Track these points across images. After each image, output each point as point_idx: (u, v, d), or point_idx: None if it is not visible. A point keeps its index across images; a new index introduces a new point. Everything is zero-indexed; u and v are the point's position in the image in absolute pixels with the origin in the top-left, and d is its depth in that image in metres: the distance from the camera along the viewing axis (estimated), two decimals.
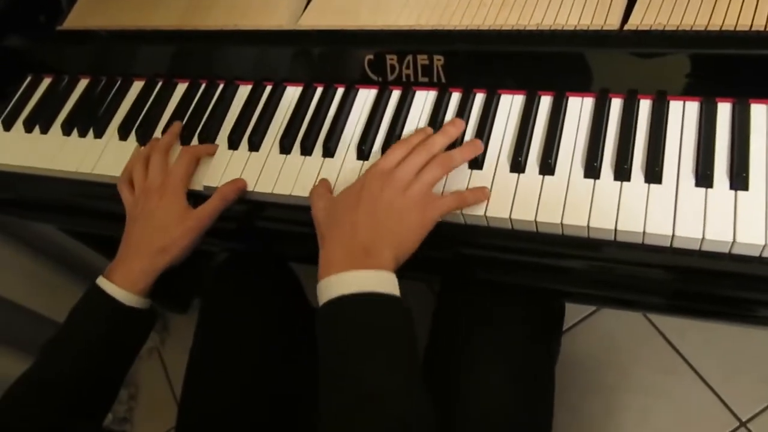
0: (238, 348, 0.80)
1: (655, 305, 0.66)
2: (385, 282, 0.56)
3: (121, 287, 0.67)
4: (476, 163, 0.65)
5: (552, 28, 0.69)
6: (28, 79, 0.91)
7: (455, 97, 0.71)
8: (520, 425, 0.68)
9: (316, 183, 0.68)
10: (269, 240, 0.78)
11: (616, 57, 0.67)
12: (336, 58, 0.77)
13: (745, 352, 1.16)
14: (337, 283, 0.55)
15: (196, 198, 0.73)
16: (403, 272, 0.60)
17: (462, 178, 0.65)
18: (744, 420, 1.13)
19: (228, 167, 0.74)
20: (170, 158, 0.74)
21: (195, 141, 0.77)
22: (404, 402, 0.52)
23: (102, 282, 0.67)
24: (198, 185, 0.74)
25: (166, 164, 0.72)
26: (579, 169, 0.62)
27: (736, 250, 0.56)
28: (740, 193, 0.57)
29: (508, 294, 0.72)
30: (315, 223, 0.63)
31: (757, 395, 1.14)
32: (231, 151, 0.75)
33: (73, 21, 0.92)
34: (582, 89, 0.67)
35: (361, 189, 0.61)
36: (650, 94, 0.65)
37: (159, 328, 1.46)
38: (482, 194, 0.63)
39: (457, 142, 0.67)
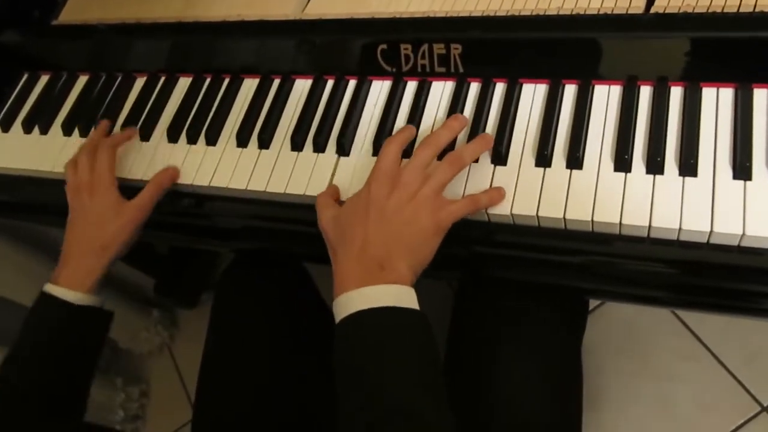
0: (246, 350, 0.79)
1: (688, 303, 0.63)
2: (402, 296, 0.54)
3: (68, 288, 0.67)
4: (499, 158, 0.62)
5: (574, 12, 0.66)
6: (25, 76, 0.87)
7: (474, 88, 0.68)
8: (553, 424, 0.66)
9: (325, 189, 0.66)
10: (281, 240, 0.75)
11: (642, 42, 0.63)
12: (346, 49, 0.73)
13: (766, 336, 1.14)
14: (354, 300, 0.53)
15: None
16: (424, 271, 0.58)
17: (485, 174, 0.62)
18: (766, 405, 1.11)
19: (237, 166, 0.71)
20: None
21: (201, 139, 0.74)
22: (429, 415, 0.50)
23: (49, 287, 0.67)
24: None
25: (93, 161, 0.71)
26: (609, 163, 0.59)
27: None
28: None
29: (533, 291, 0.69)
30: (323, 234, 0.61)
31: None
32: (240, 149, 0.72)
33: (69, 14, 0.88)
34: (608, 77, 0.64)
35: (368, 196, 0.57)
36: (681, 80, 0.61)
37: (168, 324, 1.45)
38: (498, 195, 0.60)
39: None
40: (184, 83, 0.79)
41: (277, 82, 0.75)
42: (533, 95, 0.65)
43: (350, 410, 0.51)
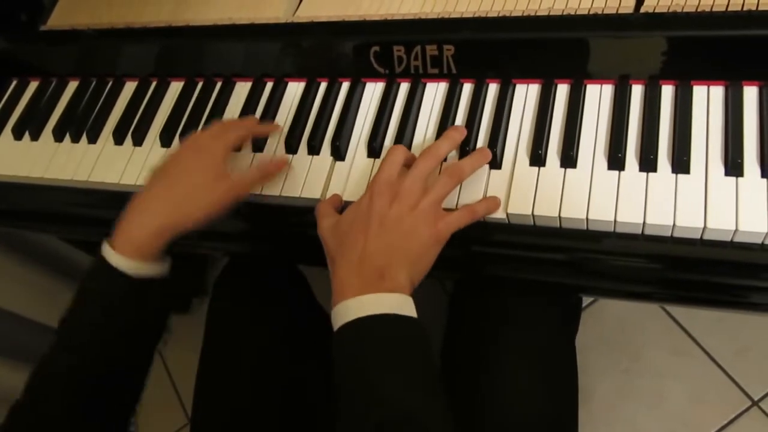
0: (242, 355, 0.78)
1: (682, 299, 0.64)
2: (401, 304, 0.54)
3: (123, 254, 0.59)
4: (494, 158, 0.62)
5: (564, 12, 0.67)
6: (14, 83, 0.87)
7: (467, 89, 0.68)
8: (549, 422, 0.67)
9: (324, 197, 0.66)
10: (276, 244, 0.75)
11: (633, 41, 0.64)
12: (339, 51, 0.73)
13: (755, 331, 1.16)
14: (353, 307, 0.53)
15: None
16: None
17: (480, 174, 0.62)
18: (756, 399, 1.12)
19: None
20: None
21: None
22: (428, 420, 0.50)
23: (107, 251, 0.60)
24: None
25: (224, 133, 0.67)
26: (602, 161, 0.60)
27: None
28: None
29: (528, 291, 0.70)
30: (321, 241, 0.60)
31: None
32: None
33: (58, 19, 0.87)
34: (600, 76, 0.64)
35: (369, 205, 0.58)
36: (672, 79, 0.62)
37: None
38: (494, 204, 0.60)
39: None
40: (175, 87, 0.79)
41: (270, 85, 0.75)
42: (526, 95, 0.66)
43: (351, 416, 0.51)
